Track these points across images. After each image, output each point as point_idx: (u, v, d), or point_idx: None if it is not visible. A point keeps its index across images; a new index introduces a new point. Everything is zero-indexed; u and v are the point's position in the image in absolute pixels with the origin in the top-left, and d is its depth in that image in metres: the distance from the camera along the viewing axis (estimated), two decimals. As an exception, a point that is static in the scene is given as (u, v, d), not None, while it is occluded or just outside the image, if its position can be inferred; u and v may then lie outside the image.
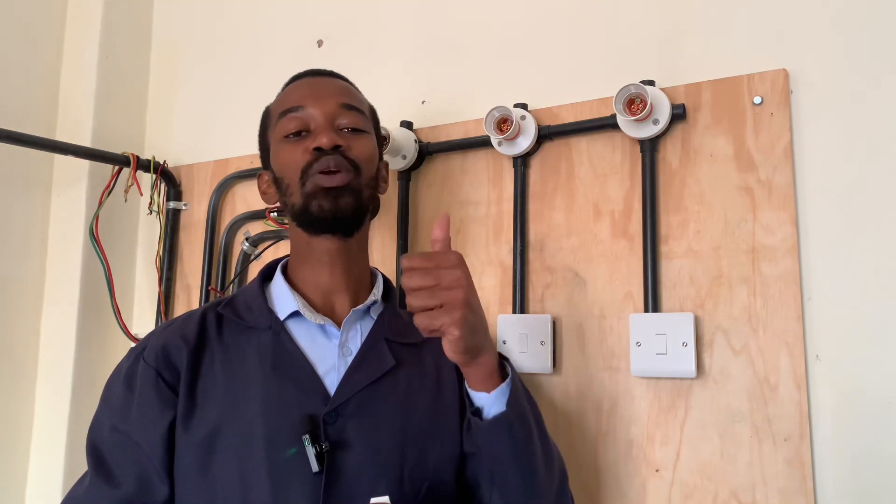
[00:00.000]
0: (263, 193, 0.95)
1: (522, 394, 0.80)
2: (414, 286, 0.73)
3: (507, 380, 0.78)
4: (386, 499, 0.69)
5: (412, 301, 0.73)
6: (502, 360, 0.81)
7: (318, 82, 0.92)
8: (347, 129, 0.88)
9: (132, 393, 0.82)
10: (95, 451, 0.81)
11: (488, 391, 0.77)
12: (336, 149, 0.85)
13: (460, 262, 0.75)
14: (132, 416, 0.81)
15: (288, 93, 0.93)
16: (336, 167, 0.84)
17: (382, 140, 1.01)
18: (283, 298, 0.88)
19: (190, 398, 0.81)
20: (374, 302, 0.91)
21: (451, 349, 0.74)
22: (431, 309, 0.73)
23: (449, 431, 0.86)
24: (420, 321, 0.73)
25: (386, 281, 0.96)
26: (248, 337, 0.85)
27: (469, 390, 0.80)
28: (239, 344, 0.85)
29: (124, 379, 0.83)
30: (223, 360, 0.83)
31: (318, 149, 0.84)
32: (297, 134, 0.87)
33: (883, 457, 0.87)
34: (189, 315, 0.89)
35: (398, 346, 0.89)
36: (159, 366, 0.82)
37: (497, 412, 0.77)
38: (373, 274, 0.96)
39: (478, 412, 0.79)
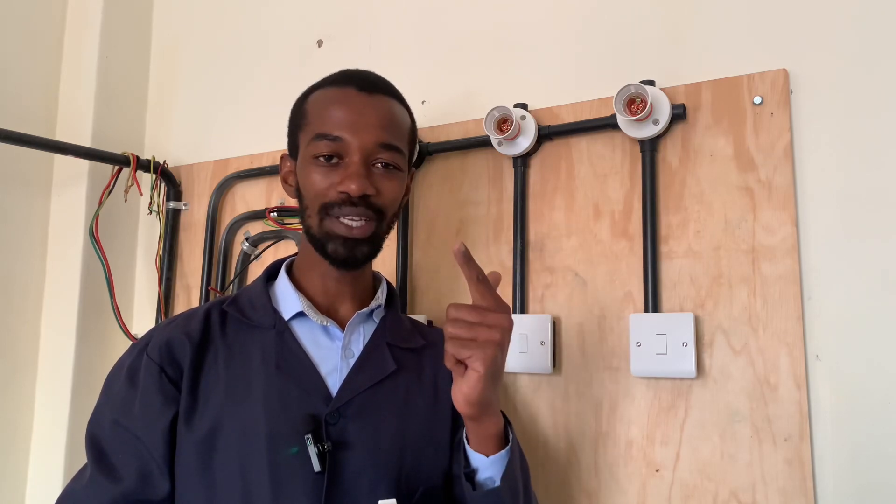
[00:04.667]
0: (283, 180, 0.94)
1: (518, 462, 0.80)
2: (455, 335, 0.72)
3: (507, 448, 0.79)
4: (393, 502, 0.69)
5: (449, 347, 0.72)
6: (505, 425, 0.81)
7: (361, 106, 0.85)
8: (381, 163, 0.85)
9: (135, 388, 0.81)
10: (96, 445, 0.81)
11: (486, 454, 0.78)
12: (363, 197, 0.83)
13: (508, 311, 0.74)
14: (134, 410, 0.80)
15: (328, 107, 0.86)
16: (359, 217, 0.83)
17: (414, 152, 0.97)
18: (287, 298, 0.88)
19: (192, 395, 0.81)
20: (378, 306, 0.92)
21: (468, 391, 0.73)
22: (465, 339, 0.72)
23: (442, 441, 0.87)
24: (450, 346, 0.72)
25: (389, 286, 0.97)
26: (252, 335, 0.86)
27: (467, 448, 0.80)
28: (242, 342, 0.85)
29: (126, 373, 0.83)
30: (226, 357, 0.83)
31: (345, 193, 0.83)
32: (329, 158, 0.84)
33: (883, 457, 0.87)
34: (192, 312, 0.89)
35: (399, 350, 0.89)
36: (163, 361, 0.81)
37: (490, 479, 0.78)
38: (376, 278, 0.96)
39: (471, 473, 0.80)
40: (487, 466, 0.78)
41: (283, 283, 0.90)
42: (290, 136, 0.92)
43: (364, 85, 0.87)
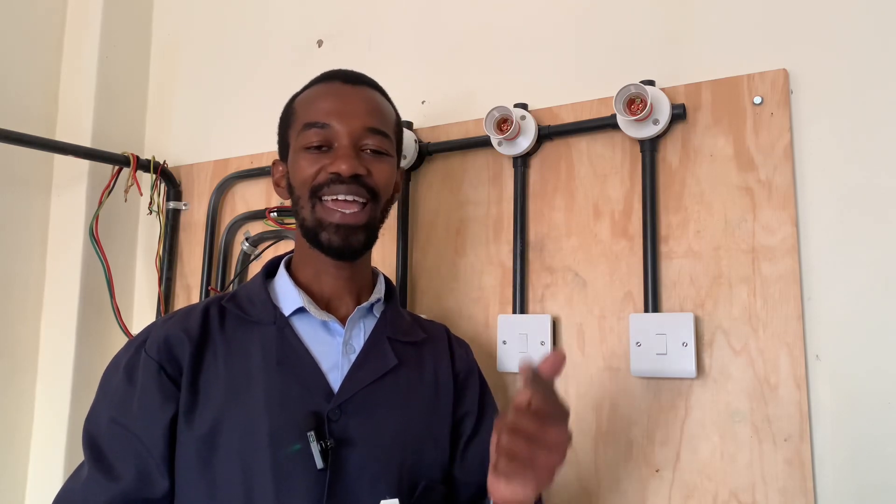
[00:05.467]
0: (276, 184, 0.94)
1: None
2: (512, 452, 0.65)
3: None
4: (395, 502, 0.69)
5: (503, 463, 0.65)
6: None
7: (347, 95, 0.88)
8: (370, 148, 0.86)
9: (133, 385, 0.81)
10: (93, 443, 0.80)
11: None
12: (355, 177, 0.84)
13: (567, 417, 0.69)
14: (133, 408, 0.80)
15: (316, 100, 0.89)
16: (350, 196, 0.84)
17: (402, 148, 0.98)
18: (287, 294, 0.88)
19: (192, 392, 0.80)
20: (378, 300, 0.92)
21: (510, 497, 0.66)
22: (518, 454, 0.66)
23: (441, 436, 0.87)
24: (503, 462, 0.66)
25: (387, 280, 0.97)
26: (252, 332, 0.85)
27: None
28: (242, 338, 0.85)
29: (124, 371, 0.82)
30: (226, 354, 0.83)
31: (335, 173, 0.83)
32: (318, 147, 0.85)
33: (882, 457, 0.87)
34: (191, 308, 0.88)
35: (400, 344, 0.89)
36: (161, 358, 0.81)
37: None
38: (374, 273, 0.96)
39: None
40: None
41: (282, 280, 0.90)
42: (280, 138, 0.93)
43: (349, 78, 0.90)
